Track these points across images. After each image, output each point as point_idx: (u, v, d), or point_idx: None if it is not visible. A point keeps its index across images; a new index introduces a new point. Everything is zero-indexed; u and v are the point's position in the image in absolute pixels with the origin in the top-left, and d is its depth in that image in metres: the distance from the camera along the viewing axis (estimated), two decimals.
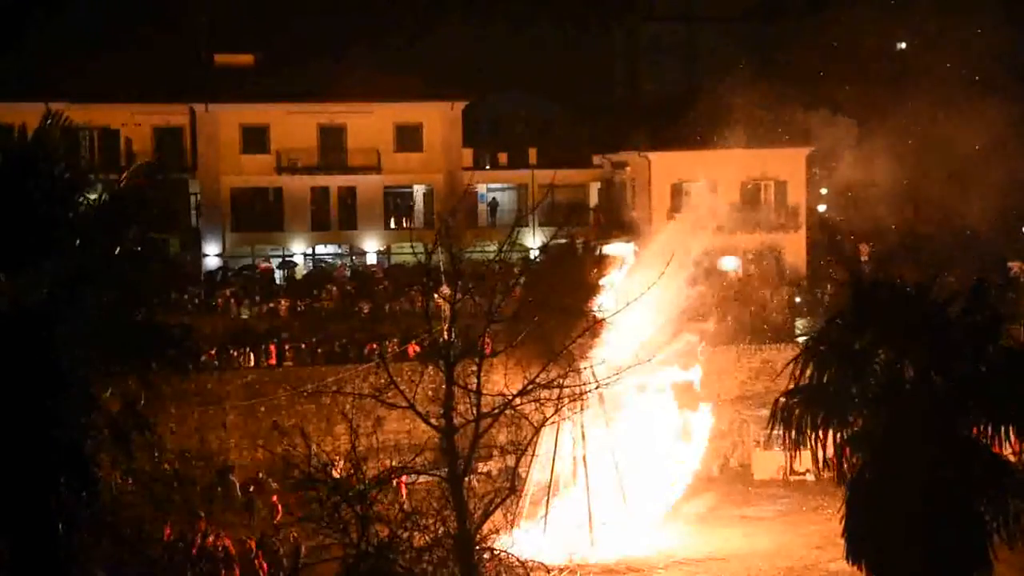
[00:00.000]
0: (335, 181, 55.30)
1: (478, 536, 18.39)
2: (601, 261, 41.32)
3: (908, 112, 52.27)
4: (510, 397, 18.63)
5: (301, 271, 54.72)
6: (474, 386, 18.21)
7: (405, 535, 17.87)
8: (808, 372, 16.43)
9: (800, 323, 49.56)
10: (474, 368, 18.26)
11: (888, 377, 16.29)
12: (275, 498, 35.32)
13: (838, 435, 16.21)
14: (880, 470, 16.02)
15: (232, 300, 48.53)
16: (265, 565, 30.05)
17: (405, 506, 18.65)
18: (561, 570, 30.76)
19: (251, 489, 38.16)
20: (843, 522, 16.41)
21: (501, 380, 20.77)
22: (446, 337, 18.80)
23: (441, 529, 18.13)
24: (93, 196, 15.67)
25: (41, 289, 14.77)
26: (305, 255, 55.60)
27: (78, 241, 15.09)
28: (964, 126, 48.56)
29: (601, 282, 37.83)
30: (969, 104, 48.36)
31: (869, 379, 16.30)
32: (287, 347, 45.13)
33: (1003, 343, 16.48)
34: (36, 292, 14.76)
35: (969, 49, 53.43)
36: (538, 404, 19.00)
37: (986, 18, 54.60)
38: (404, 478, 25.20)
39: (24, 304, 14.62)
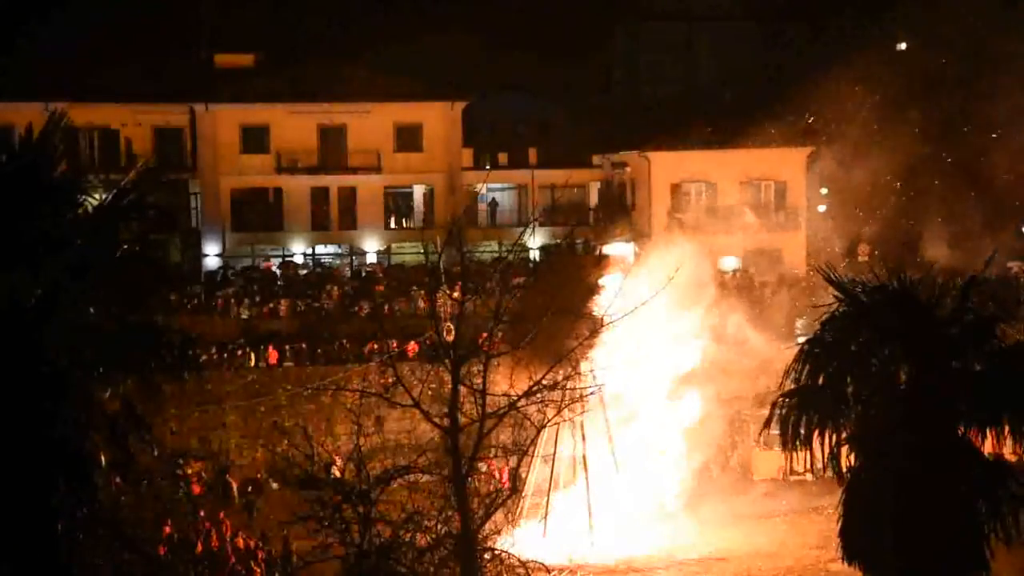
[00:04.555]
0: (335, 181, 55.29)
1: (479, 536, 18.42)
2: (601, 261, 41.35)
3: (909, 112, 52.29)
4: (514, 398, 18.67)
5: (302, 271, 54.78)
6: (478, 386, 18.25)
7: (407, 536, 17.89)
8: (805, 373, 16.43)
9: (800, 323, 49.50)
10: (477, 368, 18.30)
11: (884, 377, 16.30)
12: (222, 515, 33.85)
13: (835, 436, 16.22)
14: (876, 470, 16.03)
15: (232, 300, 48.55)
16: (264, 565, 30.06)
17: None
18: (561, 570, 30.78)
19: (249, 489, 38.17)
20: (839, 522, 16.42)
21: (503, 380, 20.80)
22: (451, 337, 18.84)
23: (443, 529, 18.16)
24: (94, 196, 15.67)
25: (39, 288, 14.77)
26: (305, 255, 55.61)
27: (78, 241, 15.08)
28: (966, 126, 48.64)
29: (601, 282, 37.85)
30: (969, 102, 48.43)
31: (865, 380, 16.31)
32: (287, 347, 45.16)
33: (999, 342, 16.47)
34: (34, 291, 14.76)
35: (969, 48, 53.49)
36: (541, 405, 19.04)
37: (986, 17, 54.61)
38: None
39: (22, 303, 14.62)
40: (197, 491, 36.45)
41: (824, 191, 60.64)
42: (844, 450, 16.26)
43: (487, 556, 18.79)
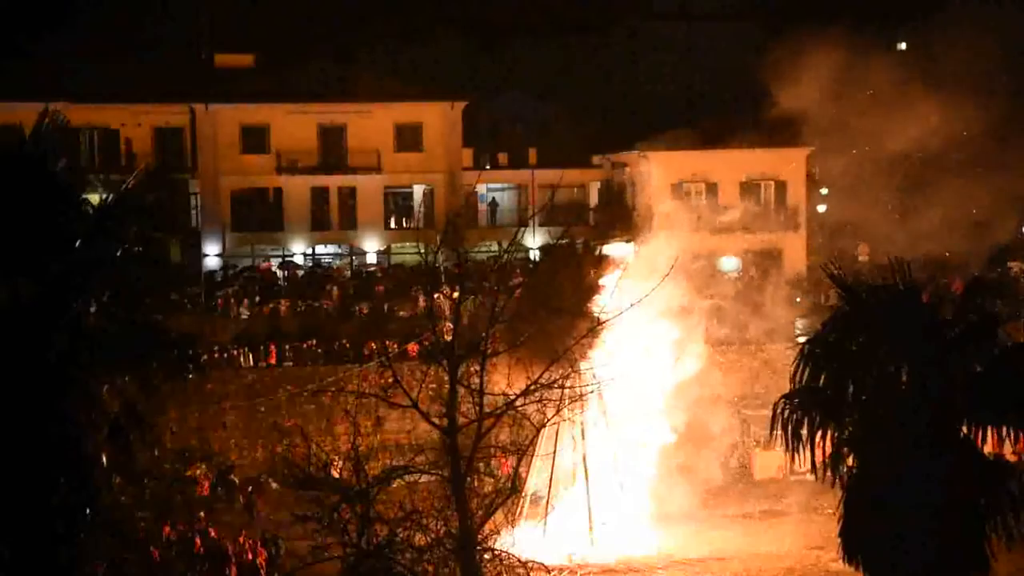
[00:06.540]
0: (335, 181, 55.30)
1: (479, 536, 18.42)
2: (601, 261, 41.34)
3: (911, 112, 52.21)
4: (512, 397, 18.68)
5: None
6: (476, 385, 18.26)
7: (406, 535, 17.90)
8: (805, 374, 16.42)
9: (800, 323, 49.52)
10: (476, 368, 18.30)
11: (885, 377, 16.30)
12: (200, 509, 33.34)
13: (835, 436, 16.22)
14: (876, 471, 16.03)
15: (232, 300, 48.56)
16: (265, 565, 30.08)
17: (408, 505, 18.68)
18: (561, 570, 30.79)
19: (250, 489, 38.14)
20: (839, 522, 16.42)
21: (502, 380, 20.80)
22: (448, 337, 18.84)
23: (443, 529, 18.16)
24: (94, 196, 15.69)
25: (41, 288, 14.78)
26: (305, 255, 55.62)
27: (79, 241, 15.10)
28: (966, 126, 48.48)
29: (601, 282, 37.82)
30: (971, 102, 48.31)
31: (866, 379, 16.30)
32: (287, 347, 45.18)
33: (1000, 342, 16.47)
34: (36, 291, 14.77)
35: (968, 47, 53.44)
36: (540, 404, 19.04)
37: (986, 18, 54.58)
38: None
39: (24, 303, 14.63)
40: (203, 491, 36.42)
41: (824, 191, 60.65)
42: (844, 450, 16.25)
43: (487, 556, 18.80)
